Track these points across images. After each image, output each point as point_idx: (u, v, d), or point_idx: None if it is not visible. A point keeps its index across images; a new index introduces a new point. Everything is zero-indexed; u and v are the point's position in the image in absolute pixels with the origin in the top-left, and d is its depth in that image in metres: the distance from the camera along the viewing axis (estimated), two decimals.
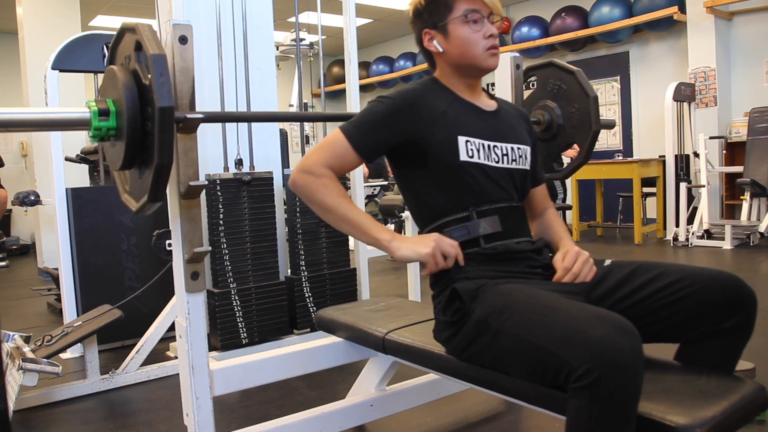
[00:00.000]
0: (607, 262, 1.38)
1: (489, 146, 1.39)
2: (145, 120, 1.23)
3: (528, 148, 1.48)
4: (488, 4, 1.39)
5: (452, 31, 1.39)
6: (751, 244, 5.41)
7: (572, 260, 1.35)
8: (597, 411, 0.96)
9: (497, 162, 1.39)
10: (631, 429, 0.98)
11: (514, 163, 1.43)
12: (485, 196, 1.37)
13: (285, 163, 3.34)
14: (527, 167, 1.47)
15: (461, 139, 1.36)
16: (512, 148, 1.43)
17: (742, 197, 5.60)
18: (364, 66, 9.81)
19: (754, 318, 1.21)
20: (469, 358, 1.29)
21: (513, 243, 1.37)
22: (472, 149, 1.36)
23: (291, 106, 7.10)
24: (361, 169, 2.81)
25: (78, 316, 2.87)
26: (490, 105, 1.49)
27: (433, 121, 1.37)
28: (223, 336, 2.44)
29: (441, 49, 1.42)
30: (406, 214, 3.48)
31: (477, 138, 1.38)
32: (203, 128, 1.46)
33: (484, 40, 1.38)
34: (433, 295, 1.41)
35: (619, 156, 6.79)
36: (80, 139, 5.04)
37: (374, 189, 7.54)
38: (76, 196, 2.98)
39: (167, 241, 2.89)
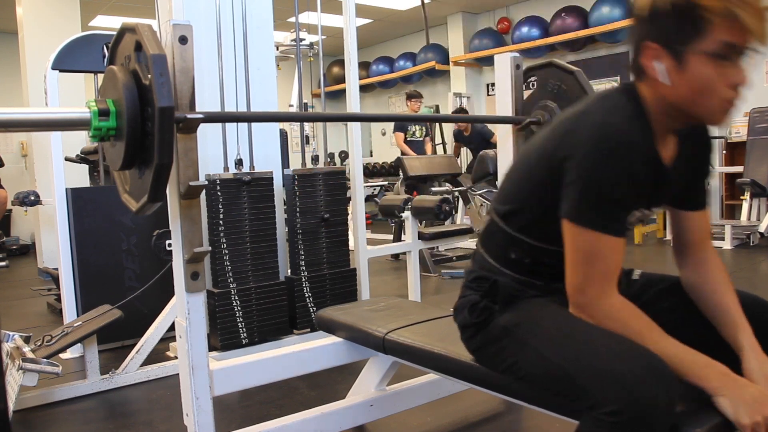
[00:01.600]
0: (636, 273, 1.30)
1: (638, 213, 1.16)
2: (145, 120, 1.23)
3: None
4: (758, 33, 0.99)
5: (692, 65, 1.01)
6: (751, 244, 5.41)
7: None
8: None
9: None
10: None
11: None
12: None
13: (285, 163, 3.34)
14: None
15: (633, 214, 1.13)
16: (650, 211, 1.21)
17: (742, 197, 5.60)
18: (364, 66, 9.81)
19: None
20: (481, 358, 1.27)
21: None
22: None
23: (291, 106, 7.09)
24: (361, 168, 2.80)
25: (78, 316, 2.86)
26: (671, 151, 1.16)
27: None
28: (223, 336, 2.44)
29: (667, 81, 1.04)
30: (407, 214, 3.47)
31: (643, 209, 1.16)
32: (203, 128, 1.46)
33: (728, 90, 1.02)
34: (464, 283, 1.32)
35: None
36: (80, 139, 5.04)
37: (374, 189, 7.54)
38: (76, 196, 2.98)
39: (167, 241, 2.88)
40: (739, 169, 5.76)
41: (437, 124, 7.57)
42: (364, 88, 9.81)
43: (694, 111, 1.05)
